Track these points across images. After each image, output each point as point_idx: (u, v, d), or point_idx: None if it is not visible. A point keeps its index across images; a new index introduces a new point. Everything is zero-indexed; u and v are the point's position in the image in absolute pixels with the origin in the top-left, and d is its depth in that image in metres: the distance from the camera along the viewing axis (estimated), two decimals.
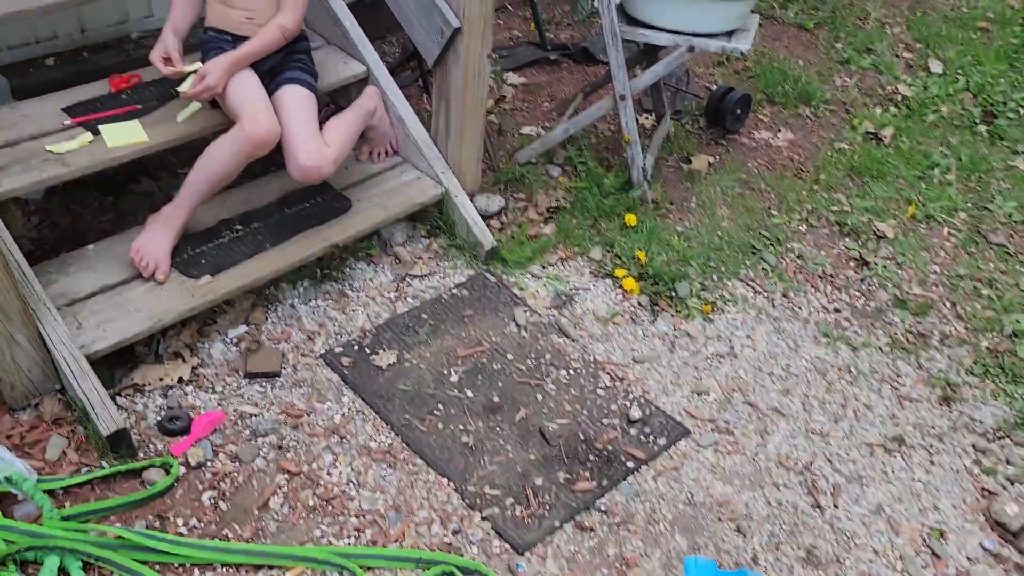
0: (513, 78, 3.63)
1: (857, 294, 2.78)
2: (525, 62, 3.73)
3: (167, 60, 2.24)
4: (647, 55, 3.10)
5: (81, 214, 2.61)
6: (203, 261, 2.29)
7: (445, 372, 2.31)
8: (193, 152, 2.46)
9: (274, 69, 2.37)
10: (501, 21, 4.08)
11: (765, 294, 2.73)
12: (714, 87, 3.68)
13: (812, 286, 2.79)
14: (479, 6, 2.40)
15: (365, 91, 2.62)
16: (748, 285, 2.75)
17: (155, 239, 2.24)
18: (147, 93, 2.43)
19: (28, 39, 2.92)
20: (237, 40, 2.34)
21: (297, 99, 2.31)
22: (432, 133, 2.72)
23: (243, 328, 2.34)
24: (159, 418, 2.08)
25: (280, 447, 2.07)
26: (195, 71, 2.24)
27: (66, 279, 2.18)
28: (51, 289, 2.13)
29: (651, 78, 2.88)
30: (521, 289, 2.61)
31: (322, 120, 3.00)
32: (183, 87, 2.22)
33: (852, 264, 2.90)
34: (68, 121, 2.29)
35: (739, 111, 3.40)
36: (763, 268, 2.82)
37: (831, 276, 2.83)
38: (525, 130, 3.30)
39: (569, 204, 2.93)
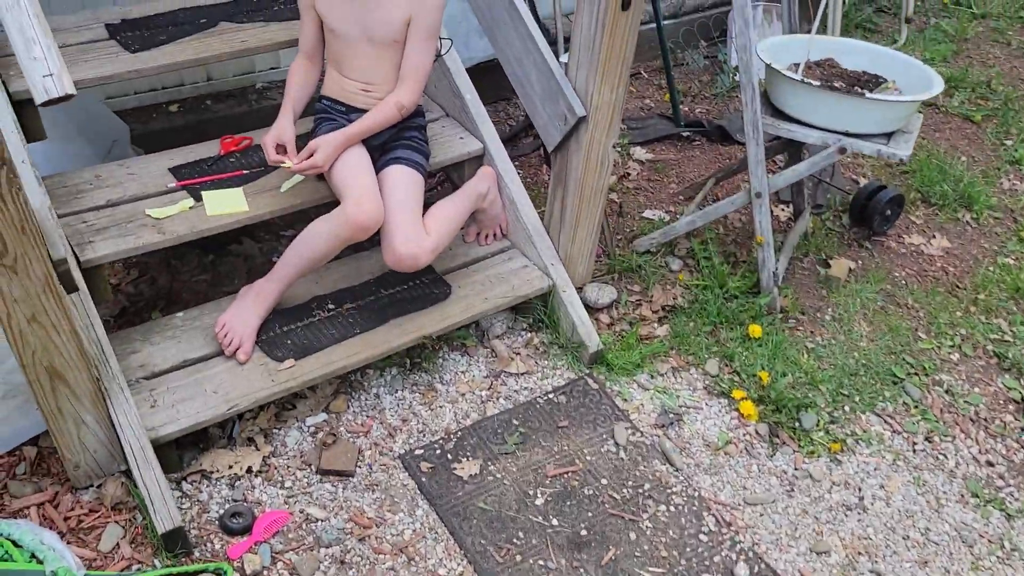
0: (640, 153, 3.41)
1: (1016, 446, 2.39)
2: (655, 137, 3.50)
3: (280, 147, 2.13)
4: (790, 146, 2.82)
5: (179, 272, 2.55)
6: (289, 342, 2.16)
7: (531, 493, 2.09)
8: (298, 215, 2.36)
9: (385, 145, 2.24)
10: (634, 88, 3.87)
11: (905, 435, 2.38)
12: (863, 181, 3.35)
13: (962, 430, 2.42)
14: (609, 94, 2.20)
15: (479, 172, 2.45)
16: (886, 422, 2.41)
17: (242, 315, 2.13)
18: (255, 158, 2.34)
19: (155, 85, 2.93)
20: (351, 111, 2.23)
21: (403, 181, 2.16)
22: (545, 219, 2.53)
23: (322, 416, 2.20)
24: (221, 513, 1.95)
25: (343, 562, 1.90)
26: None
27: (149, 349, 2.10)
28: (132, 359, 2.06)
29: (792, 177, 2.60)
30: (625, 400, 2.37)
31: (432, 189, 2.86)
32: (288, 162, 2.11)
33: (1011, 407, 2.51)
34: (172, 183, 2.22)
35: (889, 212, 3.06)
36: (904, 402, 2.47)
37: (985, 420, 2.46)
38: (648, 213, 3.07)
39: (687, 304, 2.67)
